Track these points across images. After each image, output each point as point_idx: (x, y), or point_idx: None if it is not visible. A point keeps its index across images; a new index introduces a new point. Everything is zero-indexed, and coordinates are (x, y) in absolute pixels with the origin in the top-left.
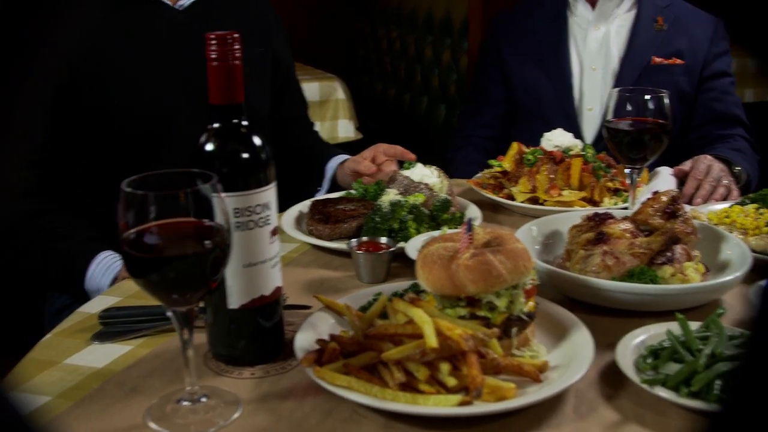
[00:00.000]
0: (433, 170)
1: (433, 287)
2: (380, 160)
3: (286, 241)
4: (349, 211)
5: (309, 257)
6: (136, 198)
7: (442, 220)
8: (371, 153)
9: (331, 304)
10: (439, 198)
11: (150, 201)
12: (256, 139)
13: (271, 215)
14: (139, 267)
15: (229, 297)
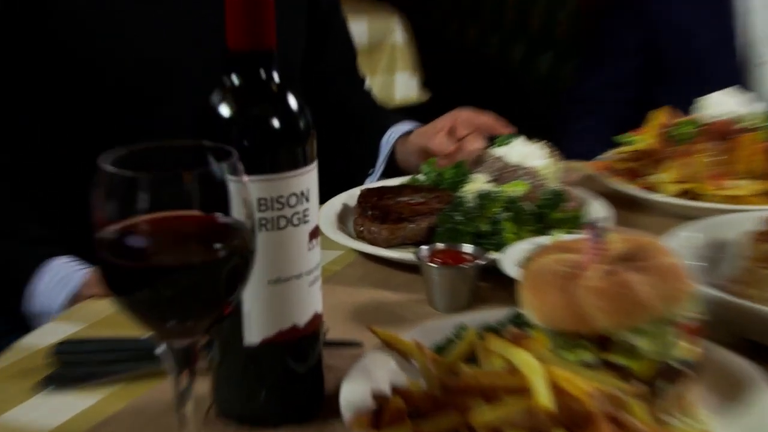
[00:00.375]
0: (538, 148)
1: (544, 319)
2: (461, 133)
3: (325, 247)
4: (417, 205)
5: (358, 271)
6: (121, 181)
7: (554, 221)
8: (448, 122)
9: (391, 340)
10: (549, 188)
11: (140, 186)
12: (293, 101)
13: (310, 210)
14: (122, 280)
15: (247, 328)
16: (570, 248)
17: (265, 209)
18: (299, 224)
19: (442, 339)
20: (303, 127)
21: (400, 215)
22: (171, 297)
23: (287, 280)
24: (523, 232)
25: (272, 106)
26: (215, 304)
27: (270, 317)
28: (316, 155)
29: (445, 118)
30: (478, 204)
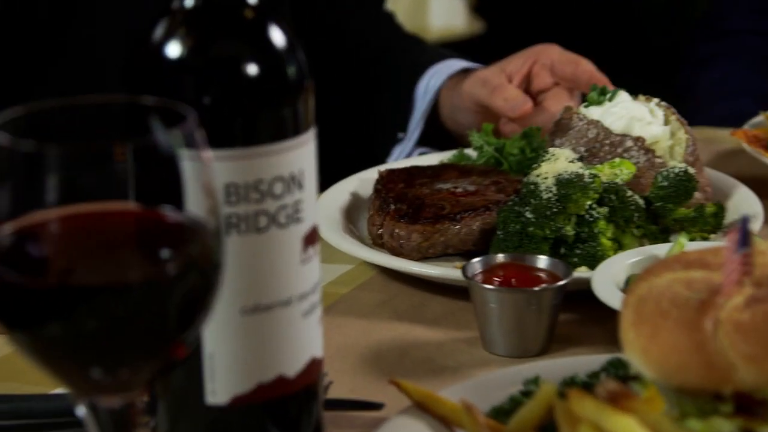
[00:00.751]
0: (653, 108)
1: (659, 369)
2: (542, 84)
3: (326, 259)
4: (465, 195)
5: (375, 295)
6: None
7: (676, 221)
8: (524, 66)
9: (427, 400)
10: (669, 170)
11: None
12: (278, 34)
13: (305, 203)
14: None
15: (209, 380)
16: (701, 263)
17: (237, 201)
18: (288, 224)
19: (504, 398)
20: (293, 74)
21: (440, 211)
22: (94, 333)
23: (270, 308)
24: (628, 238)
25: (246, 42)
26: (161, 344)
27: (244, 364)
28: (314, 119)
29: (519, 58)
30: (559, 194)
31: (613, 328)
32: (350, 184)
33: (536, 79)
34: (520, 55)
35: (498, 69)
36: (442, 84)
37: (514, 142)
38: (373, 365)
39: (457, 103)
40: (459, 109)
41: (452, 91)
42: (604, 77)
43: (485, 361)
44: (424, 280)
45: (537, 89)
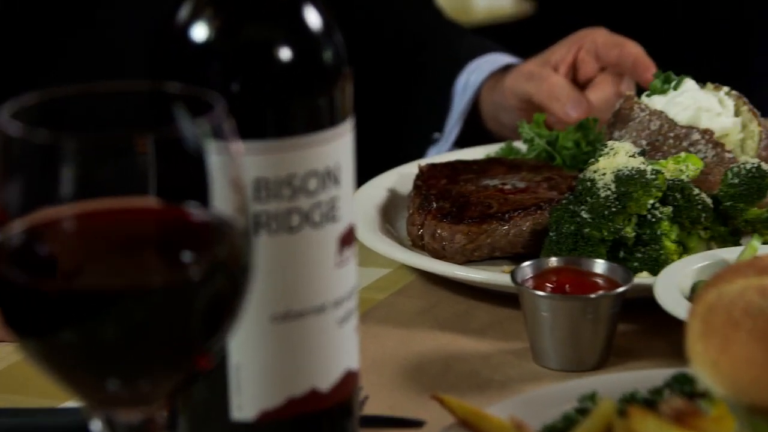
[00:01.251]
0: (723, 98)
1: (730, 385)
2: (589, 71)
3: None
4: (513, 193)
5: (415, 302)
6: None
7: (747, 221)
8: (570, 52)
9: (472, 417)
10: (740, 166)
11: (62, 157)
12: (312, 14)
13: (341, 200)
14: (31, 312)
15: (236, 394)
16: None
17: (267, 198)
18: (323, 223)
19: (557, 416)
20: (330, 59)
21: (486, 210)
22: (112, 341)
23: (302, 315)
24: (694, 241)
25: (278, 24)
26: (184, 353)
27: (274, 376)
28: (352, 108)
29: (563, 46)
30: (618, 192)
31: (677, 339)
32: (388, 180)
33: (582, 66)
34: (563, 42)
35: (542, 60)
36: (484, 81)
37: (568, 135)
38: (412, 379)
39: (500, 101)
40: (502, 108)
41: (494, 88)
42: (649, 62)
43: (536, 375)
44: (469, 286)
45: (584, 77)
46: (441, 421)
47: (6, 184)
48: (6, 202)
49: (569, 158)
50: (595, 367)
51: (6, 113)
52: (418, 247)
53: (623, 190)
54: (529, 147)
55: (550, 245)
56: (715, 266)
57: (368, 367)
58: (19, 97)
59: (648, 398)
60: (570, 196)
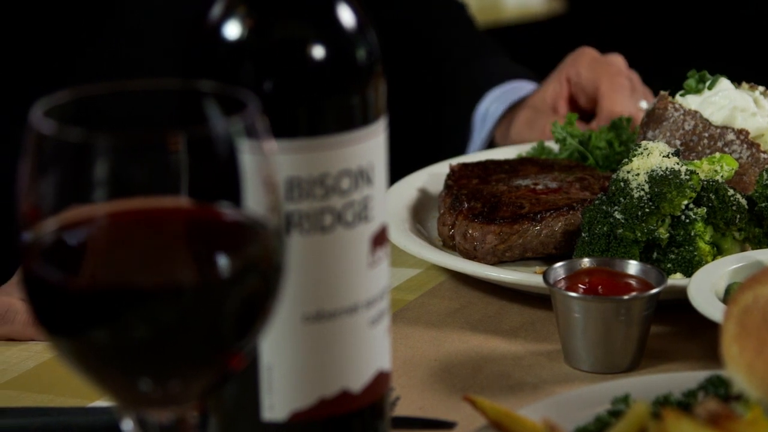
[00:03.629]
0: (758, 97)
1: (766, 385)
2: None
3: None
4: (545, 193)
5: (446, 303)
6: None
7: None
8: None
9: (505, 419)
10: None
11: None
12: (346, 12)
13: (374, 200)
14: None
15: (267, 394)
16: None
17: (300, 197)
18: (355, 223)
19: (590, 418)
20: (363, 58)
21: (518, 210)
22: (144, 340)
23: (334, 315)
24: (728, 242)
25: (312, 21)
26: (216, 353)
27: (305, 377)
28: (386, 107)
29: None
30: (651, 193)
31: (711, 341)
32: (418, 179)
33: (580, 99)
34: (554, 76)
35: (540, 100)
36: (503, 113)
37: (601, 134)
38: (444, 380)
39: (513, 136)
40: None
41: (510, 121)
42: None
43: (568, 377)
44: (501, 287)
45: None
46: (472, 423)
47: (39, 182)
48: (38, 200)
49: (602, 158)
50: (627, 369)
51: (39, 111)
52: (449, 248)
53: (657, 191)
54: (562, 147)
55: (583, 246)
56: (750, 268)
57: (399, 368)
58: (51, 94)
59: (682, 401)
60: (603, 196)
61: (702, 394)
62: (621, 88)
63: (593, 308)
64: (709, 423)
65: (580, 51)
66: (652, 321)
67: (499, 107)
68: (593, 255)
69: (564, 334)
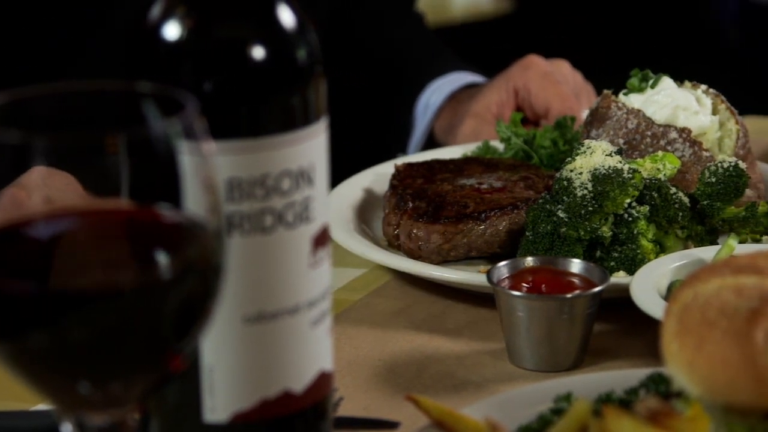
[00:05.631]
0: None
1: (706, 385)
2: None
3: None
4: (490, 192)
5: (391, 303)
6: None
7: (725, 220)
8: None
9: (448, 418)
10: (718, 165)
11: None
12: (285, 13)
13: (315, 200)
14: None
15: (208, 396)
16: (752, 268)
17: (241, 198)
18: (296, 224)
19: (532, 416)
20: (303, 58)
21: (463, 210)
22: (82, 343)
23: (275, 316)
24: (671, 240)
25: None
26: (156, 355)
27: (247, 378)
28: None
29: (499, 89)
30: (594, 191)
31: (653, 339)
32: (363, 180)
33: (527, 112)
34: (499, 84)
35: (484, 108)
36: (443, 103)
37: (546, 134)
38: (388, 380)
39: (457, 123)
40: (455, 132)
41: (452, 110)
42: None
43: (512, 376)
44: (445, 286)
45: (535, 117)
46: (416, 422)
47: None
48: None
49: (546, 157)
50: (571, 368)
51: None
52: (394, 247)
53: (600, 190)
54: (506, 146)
55: (527, 245)
56: (692, 265)
57: (343, 368)
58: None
59: (623, 398)
60: (547, 195)
61: (643, 392)
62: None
63: (537, 307)
64: (649, 420)
65: (527, 61)
66: (595, 319)
67: (439, 97)
68: (537, 254)
69: (508, 333)
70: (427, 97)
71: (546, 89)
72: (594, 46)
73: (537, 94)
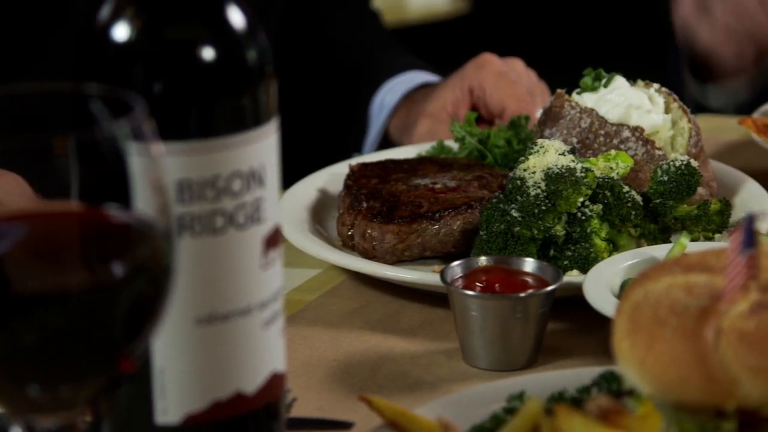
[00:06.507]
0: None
1: (656, 383)
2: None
3: (291, 263)
4: (444, 192)
5: (345, 303)
6: None
7: (677, 218)
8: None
9: (401, 418)
10: (670, 163)
11: None
12: (235, 14)
13: (266, 201)
14: None
15: (160, 397)
16: (703, 267)
17: (191, 200)
18: (247, 225)
19: (486, 415)
20: (253, 59)
21: (417, 210)
22: (31, 345)
23: (226, 318)
24: (624, 238)
25: (201, 23)
26: (106, 357)
27: (199, 380)
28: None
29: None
30: (548, 191)
31: (606, 338)
32: (318, 180)
33: (482, 111)
34: (454, 83)
35: (439, 108)
36: (398, 103)
37: (500, 133)
38: (342, 380)
39: (412, 123)
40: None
41: (407, 110)
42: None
43: (466, 375)
44: (399, 286)
45: (487, 118)
46: (370, 423)
47: None
48: None
49: (501, 156)
50: (524, 367)
51: None
52: (349, 248)
53: (553, 189)
54: (461, 146)
55: (481, 244)
56: (645, 264)
57: (297, 369)
58: None
59: (575, 397)
60: (500, 194)
61: (595, 390)
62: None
63: (490, 306)
64: (601, 419)
65: (482, 60)
66: (548, 318)
67: (394, 97)
68: (491, 253)
69: (462, 332)
70: (382, 96)
71: (501, 88)
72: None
73: (492, 94)
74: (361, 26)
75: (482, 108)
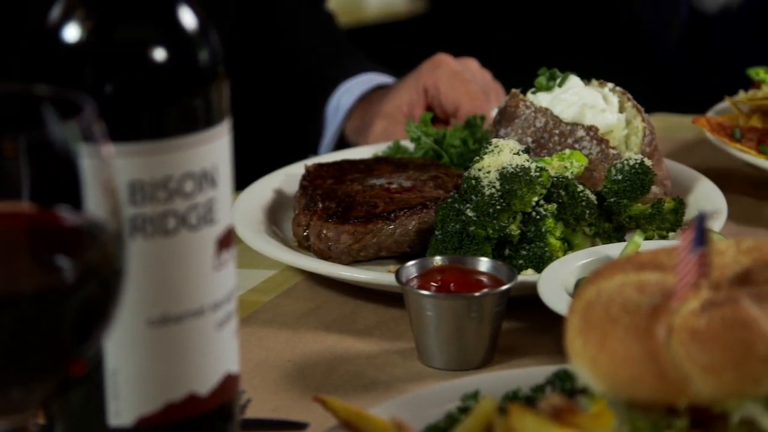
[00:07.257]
0: (607, 94)
1: (608, 381)
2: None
3: (245, 264)
4: (399, 191)
5: (300, 304)
6: None
7: (631, 217)
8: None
9: (356, 418)
10: (624, 162)
11: None
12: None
13: (219, 201)
14: None
15: (112, 400)
16: (655, 265)
17: (143, 201)
18: (199, 226)
19: (440, 415)
20: (205, 60)
21: (372, 210)
22: None
23: (179, 319)
24: (578, 237)
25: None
26: (56, 360)
27: (151, 381)
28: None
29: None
30: (502, 190)
31: (561, 336)
32: (274, 181)
33: (437, 111)
34: (409, 84)
35: (394, 108)
36: (353, 104)
37: (455, 133)
38: (297, 381)
39: (368, 124)
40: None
41: (363, 111)
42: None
43: (421, 375)
44: (355, 287)
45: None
46: (325, 423)
47: None
48: None
49: (456, 156)
50: (480, 366)
51: None
52: (304, 248)
53: (508, 188)
54: (417, 146)
55: (436, 244)
56: (599, 262)
57: (251, 370)
58: None
59: (529, 396)
60: (455, 194)
61: (549, 389)
62: (481, 111)
63: (445, 306)
64: (553, 417)
65: (437, 60)
66: (503, 317)
67: (350, 98)
68: (446, 253)
69: (417, 332)
70: (338, 98)
71: (455, 88)
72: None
73: (446, 93)
74: (317, 28)
75: (437, 108)
